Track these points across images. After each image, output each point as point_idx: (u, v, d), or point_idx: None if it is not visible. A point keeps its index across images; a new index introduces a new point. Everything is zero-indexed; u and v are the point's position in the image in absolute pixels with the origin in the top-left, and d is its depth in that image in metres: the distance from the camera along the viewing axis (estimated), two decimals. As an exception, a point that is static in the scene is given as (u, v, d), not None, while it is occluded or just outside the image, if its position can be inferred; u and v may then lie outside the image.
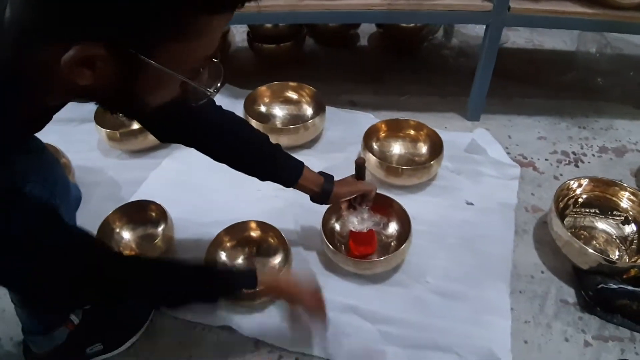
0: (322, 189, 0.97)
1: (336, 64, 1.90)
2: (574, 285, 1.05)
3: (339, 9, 1.30)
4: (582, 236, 1.13)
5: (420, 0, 1.28)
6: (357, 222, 1.03)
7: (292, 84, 1.49)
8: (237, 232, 1.11)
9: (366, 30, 2.07)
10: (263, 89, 1.49)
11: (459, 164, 1.33)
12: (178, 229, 1.16)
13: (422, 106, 1.58)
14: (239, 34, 2.05)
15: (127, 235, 1.18)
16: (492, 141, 1.40)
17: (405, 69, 1.82)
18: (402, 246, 1.00)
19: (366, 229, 1.04)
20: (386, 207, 1.12)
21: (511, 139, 1.46)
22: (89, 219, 1.22)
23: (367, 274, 1.05)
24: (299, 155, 1.36)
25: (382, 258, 1.01)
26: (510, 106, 1.57)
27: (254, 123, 1.35)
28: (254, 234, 1.12)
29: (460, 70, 1.79)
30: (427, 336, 0.95)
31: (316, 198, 1.00)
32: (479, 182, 1.29)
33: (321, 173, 1.00)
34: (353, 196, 1.02)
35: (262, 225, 1.10)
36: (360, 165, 1.00)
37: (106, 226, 1.15)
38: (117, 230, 1.17)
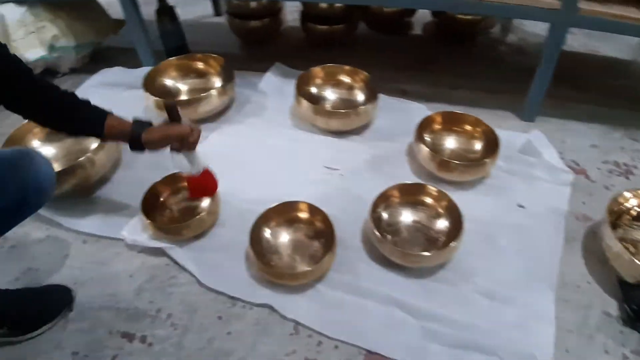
0: (131, 135, 0.92)
1: (388, 50, 1.86)
2: (618, 299, 1.01)
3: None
4: (631, 249, 1.08)
5: (489, -9, 1.23)
6: (188, 166, 1.01)
7: (346, 67, 1.46)
8: (284, 211, 1.09)
9: (420, 18, 2.02)
10: (317, 69, 1.46)
11: (512, 164, 1.28)
12: (222, 203, 1.16)
13: (476, 101, 1.53)
14: (290, 12, 2.02)
15: (172, 204, 1.17)
16: (547, 144, 1.34)
17: (459, 61, 1.77)
18: (453, 243, 0.97)
19: (197, 173, 1.02)
20: (437, 202, 1.09)
21: (565, 143, 1.40)
22: (132, 184, 1.23)
23: (412, 267, 1.02)
24: (346, 141, 1.38)
25: (429, 253, 0.98)
26: (564, 110, 1.51)
27: (304, 104, 1.33)
28: (302, 215, 1.10)
29: (516, 68, 1.73)
30: (470, 337, 0.92)
31: (132, 146, 0.95)
32: (532, 185, 1.24)
33: (136, 121, 0.95)
34: (173, 142, 0.97)
35: (310, 207, 1.08)
36: (169, 107, 0.96)
37: (152, 193, 1.14)
38: (162, 198, 1.17)
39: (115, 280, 1.06)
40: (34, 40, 1.55)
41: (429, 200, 1.11)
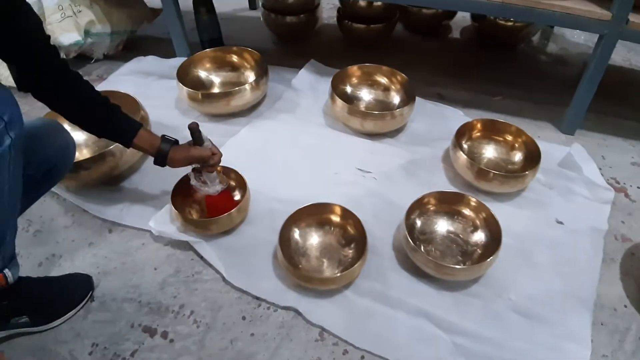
0: (158, 151, 0.97)
1: (425, 53, 1.81)
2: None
3: (448, -5, 1.22)
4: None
5: (538, -2, 1.18)
6: (207, 186, 1.04)
7: (384, 68, 1.42)
8: (315, 212, 1.06)
9: (459, 22, 1.97)
10: (354, 68, 1.43)
11: (551, 177, 1.23)
12: (252, 200, 1.13)
13: (514, 110, 1.49)
14: (326, 10, 1.99)
15: (202, 197, 1.15)
16: (588, 159, 1.29)
17: (498, 68, 1.72)
18: (490, 258, 0.93)
19: (217, 192, 1.04)
20: (475, 213, 1.05)
21: (605, 159, 1.34)
22: (160, 175, 1.21)
23: (445, 279, 0.98)
24: (380, 144, 1.34)
25: (464, 266, 0.94)
26: (604, 125, 1.45)
27: (339, 103, 1.30)
28: (333, 218, 1.07)
29: (557, 78, 1.67)
30: (503, 355, 0.88)
31: (156, 160, 0.99)
32: (571, 201, 1.19)
33: (165, 137, 0.99)
34: (194, 164, 1.02)
35: (343, 210, 1.04)
36: (193, 130, 0.99)
37: (183, 184, 1.12)
38: (192, 191, 1.14)
39: (139, 272, 1.04)
40: (69, 25, 1.55)
41: (466, 211, 1.07)
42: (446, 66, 1.72)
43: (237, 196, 1.14)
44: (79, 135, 1.27)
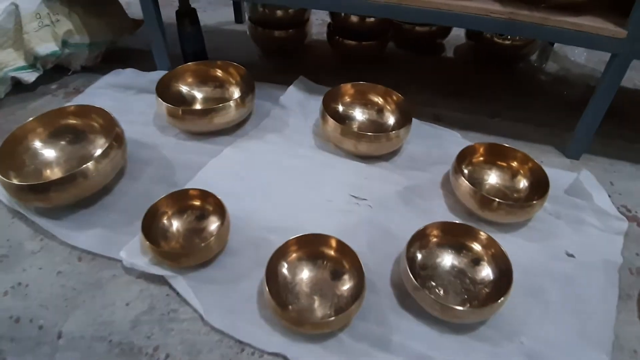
0: None
1: (420, 72, 1.74)
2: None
3: (451, 10, 1.15)
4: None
5: (547, 14, 1.11)
6: None
7: (379, 87, 1.33)
8: (307, 244, 0.95)
9: (452, 41, 1.91)
10: (347, 86, 1.34)
11: (558, 206, 1.15)
12: (233, 229, 1.02)
13: (515, 133, 1.41)
14: (315, 25, 1.92)
15: (176, 225, 1.04)
16: (597, 186, 1.21)
17: (495, 88, 1.65)
18: (502, 298, 0.84)
19: None
20: (483, 247, 0.96)
21: (613, 185, 1.27)
22: (136, 197, 1.12)
23: (451, 322, 0.88)
24: (375, 167, 1.24)
25: (475, 309, 0.85)
26: (611, 148, 1.38)
27: (331, 123, 1.21)
28: (327, 250, 0.96)
29: (558, 99, 1.61)
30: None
31: None
32: (580, 232, 1.10)
33: None
34: None
35: (338, 243, 0.94)
36: None
37: (155, 210, 1.02)
38: (165, 218, 1.04)
39: (110, 307, 0.92)
40: (47, 34, 1.45)
41: (472, 244, 0.98)
42: (441, 86, 1.64)
43: (215, 223, 1.03)
44: (49, 153, 1.17)
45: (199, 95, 1.42)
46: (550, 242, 1.07)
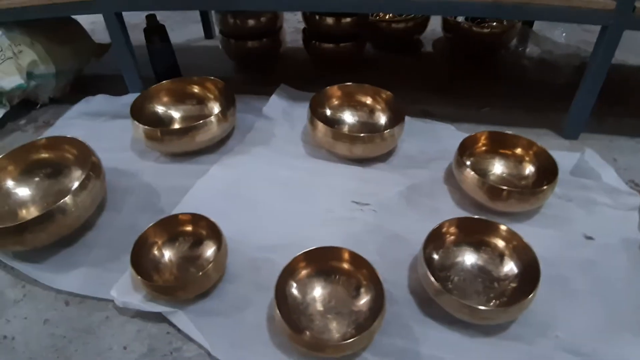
0: None
1: (401, 70, 1.69)
2: None
3: (433, -1, 1.10)
4: None
5: (534, -8, 1.08)
6: None
7: (366, 86, 1.28)
8: (316, 260, 0.88)
9: (429, 36, 1.87)
10: (333, 89, 1.28)
11: (566, 189, 1.10)
12: (230, 252, 0.94)
13: (507, 120, 1.37)
14: (289, 33, 1.86)
15: (168, 255, 0.96)
16: (603, 164, 1.17)
17: (478, 78, 1.61)
18: (532, 293, 0.78)
19: None
20: (503, 240, 0.90)
21: (617, 162, 1.23)
22: (120, 230, 1.03)
23: (479, 324, 0.82)
24: (372, 170, 1.17)
25: (506, 308, 0.78)
26: (606, 125, 1.35)
27: (321, 128, 1.14)
28: (338, 264, 0.88)
29: (545, 81, 1.57)
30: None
31: None
32: (594, 212, 1.06)
33: None
34: None
35: (349, 254, 0.86)
36: None
37: (143, 241, 0.93)
38: (156, 249, 0.96)
39: (106, 352, 0.83)
40: (10, 67, 1.36)
41: (492, 239, 0.92)
42: (425, 81, 1.60)
43: (211, 249, 0.95)
44: (23, 191, 1.09)
45: (176, 114, 1.34)
46: (566, 227, 1.02)
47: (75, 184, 1.03)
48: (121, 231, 1.03)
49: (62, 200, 0.93)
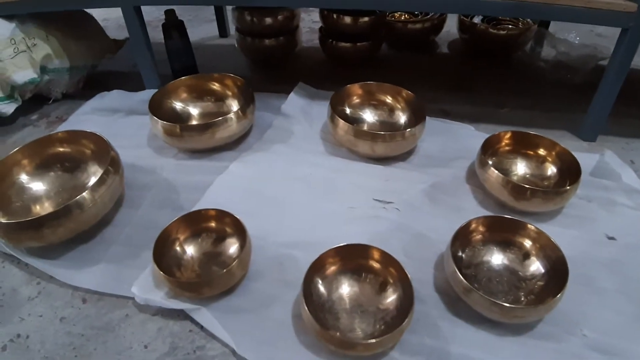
0: None
1: (418, 70, 1.69)
2: None
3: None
4: None
5: (557, -7, 1.07)
6: None
7: (387, 85, 1.27)
8: (345, 257, 0.87)
9: (445, 37, 1.87)
10: (354, 87, 1.27)
11: (587, 190, 1.10)
12: (253, 249, 0.93)
13: (526, 121, 1.36)
14: (304, 33, 1.86)
15: (190, 251, 0.95)
16: (622, 165, 1.17)
17: (495, 79, 1.61)
18: (561, 292, 0.77)
19: None
20: (530, 240, 0.90)
21: (635, 164, 1.23)
22: (139, 227, 1.02)
23: (508, 323, 0.81)
24: (394, 169, 1.17)
25: (536, 306, 0.77)
26: (624, 127, 1.34)
27: (343, 126, 1.14)
28: (365, 261, 0.87)
29: (563, 83, 1.57)
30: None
31: None
32: (615, 213, 1.05)
33: None
34: None
35: (377, 252, 0.86)
36: None
37: (165, 237, 0.92)
38: (178, 245, 0.95)
39: (126, 352, 0.82)
40: (23, 61, 1.34)
41: (518, 238, 0.92)
42: (442, 82, 1.59)
43: (234, 245, 0.95)
44: (38, 186, 1.07)
45: (194, 111, 1.33)
46: (588, 227, 1.02)
47: (92, 180, 1.02)
48: (140, 228, 1.02)
49: (80, 195, 0.92)
